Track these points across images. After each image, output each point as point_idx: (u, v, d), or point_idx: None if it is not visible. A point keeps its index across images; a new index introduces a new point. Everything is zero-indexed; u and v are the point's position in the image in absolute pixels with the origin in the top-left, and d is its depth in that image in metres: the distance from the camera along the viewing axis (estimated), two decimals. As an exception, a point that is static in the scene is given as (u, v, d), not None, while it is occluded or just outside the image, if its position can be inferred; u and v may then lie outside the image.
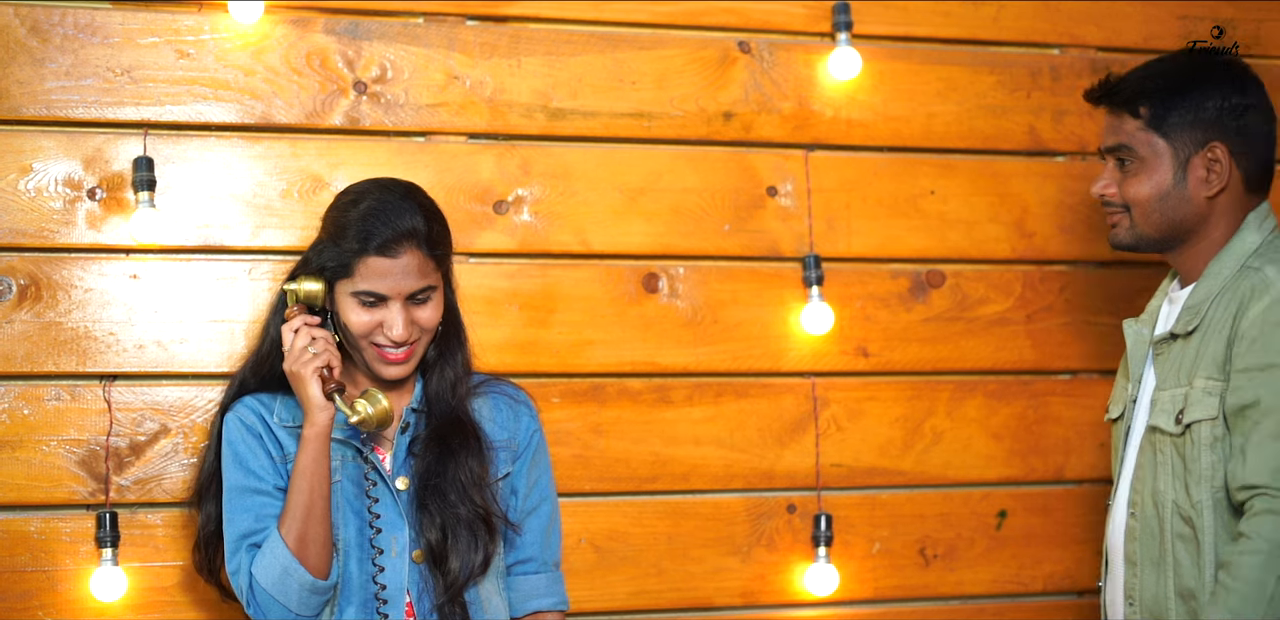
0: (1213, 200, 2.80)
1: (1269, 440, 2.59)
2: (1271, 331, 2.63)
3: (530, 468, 2.92)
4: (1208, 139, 2.78)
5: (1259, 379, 2.62)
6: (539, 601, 2.91)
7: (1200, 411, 2.68)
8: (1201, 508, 2.67)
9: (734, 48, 3.42)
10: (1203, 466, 2.68)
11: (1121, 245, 2.88)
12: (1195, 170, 2.78)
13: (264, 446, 2.77)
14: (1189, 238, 2.82)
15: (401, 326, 2.72)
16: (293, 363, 2.71)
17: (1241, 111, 2.78)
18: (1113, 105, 2.85)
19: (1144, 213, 2.81)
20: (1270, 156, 2.85)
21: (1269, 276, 2.68)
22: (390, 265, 2.70)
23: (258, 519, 2.73)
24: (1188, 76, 2.80)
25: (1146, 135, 2.80)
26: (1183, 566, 2.70)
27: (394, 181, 2.82)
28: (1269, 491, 2.56)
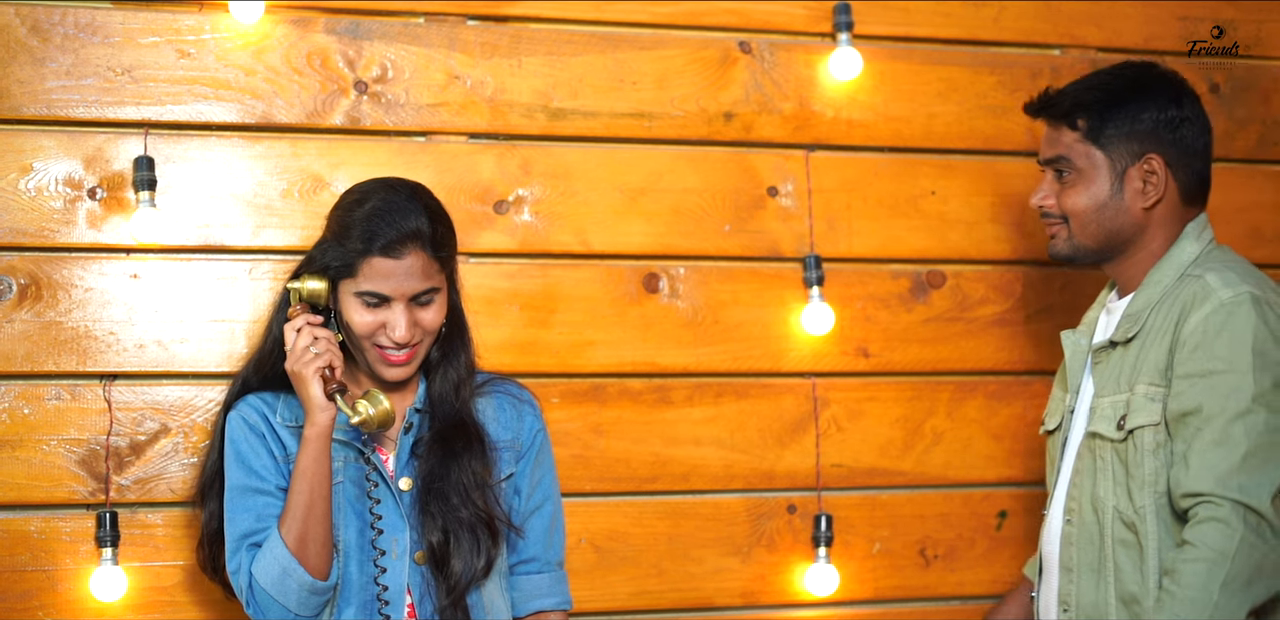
0: (1149, 211, 2.84)
1: (1212, 447, 2.62)
2: (1213, 338, 2.66)
3: (534, 467, 2.92)
4: (1144, 151, 2.82)
5: (1200, 385, 2.65)
6: (542, 601, 2.91)
7: (1143, 417, 2.71)
8: (1145, 513, 2.69)
9: (735, 48, 3.42)
10: (1146, 472, 2.70)
11: (1059, 256, 2.91)
12: (1132, 181, 2.83)
13: (266, 446, 2.77)
14: (1126, 248, 2.86)
15: (404, 328, 2.72)
16: (294, 362, 2.71)
17: (1177, 124, 2.83)
18: (1051, 117, 2.90)
19: (1081, 223, 2.85)
20: (1206, 169, 2.89)
21: (1210, 284, 2.72)
22: (394, 266, 2.70)
23: (259, 519, 2.72)
24: (1125, 89, 2.85)
25: (1084, 147, 2.85)
26: (1124, 572, 2.72)
27: (400, 181, 2.81)
28: (1212, 499, 2.59)
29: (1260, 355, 2.64)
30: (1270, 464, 2.60)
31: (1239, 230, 3.72)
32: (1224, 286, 2.70)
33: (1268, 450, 2.61)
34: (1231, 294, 2.69)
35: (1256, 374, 2.62)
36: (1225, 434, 2.61)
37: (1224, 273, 2.74)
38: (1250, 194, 3.74)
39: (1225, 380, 2.63)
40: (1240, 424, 2.61)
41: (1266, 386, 2.63)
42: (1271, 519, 2.58)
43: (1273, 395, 2.63)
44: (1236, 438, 2.60)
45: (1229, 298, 2.68)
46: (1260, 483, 2.58)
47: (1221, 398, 2.63)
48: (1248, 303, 2.67)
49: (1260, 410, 2.62)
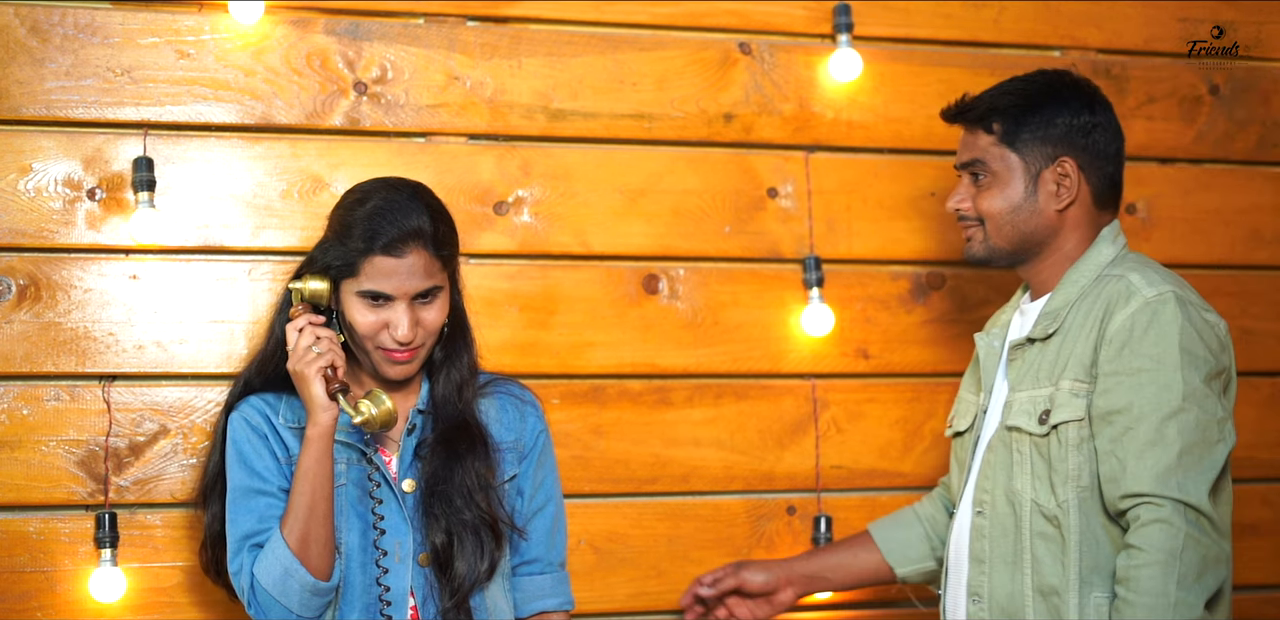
0: (1063, 213, 2.88)
1: (1147, 448, 2.65)
2: (1140, 336, 2.70)
3: (536, 468, 2.91)
4: (1057, 154, 2.87)
5: (1128, 384, 2.69)
6: (544, 602, 2.91)
7: (1067, 413, 2.74)
8: (1068, 507, 2.72)
9: (735, 49, 3.42)
10: (1070, 466, 2.73)
11: (975, 258, 2.95)
12: (1046, 184, 2.87)
13: (268, 447, 2.77)
14: (1041, 250, 2.90)
15: (406, 327, 2.72)
16: (296, 362, 2.70)
17: (1090, 129, 2.89)
18: (967, 122, 2.95)
19: (997, 225, 2.89)
20: (1117, 174, 2.94)
21: (1134, 283, 2.76)
22: (396, 265, 2.70)
23: (261, 520, 2.72)
24: (1039, 95, 2.90)
25: (999, 150, 2.89)
26: (1043, 564, 2.74)
27: (401, 181, 2.81)
28: (1153, 500, 2.63)
29: (1187, 353, 2.68)
30: (1204, 460, 2.65)
31: (1239, 232, 3.73)
32: (1148, 285, 2.75)
33: (1200, 447, 2.65)
34: (1155, 293, 2.73)
35: (1185, 372, 2.67)
36: (1159, 434, 2.65)
37: (1146, 272, 2.79)
38: (1250, 196, 3.74)
39: (1154, 378, 2.67)
40: (1173, 423, 2.65)
41: (1196, 384, 2.67)
42: (1210, 514, 2.63)
43: (1202, 393, 2.68)
44: (1170, 437, 2.64)
45: (1153, 296, 2.72)
46: (1196, 480, 2.63)
47: (1152, 396, 2.66)
48: (1172, 301, 2.72)
49: (1192, 408, 2.66)
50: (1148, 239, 3.66)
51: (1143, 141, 3.67)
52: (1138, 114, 3.67)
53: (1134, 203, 3.65)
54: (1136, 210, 3.65)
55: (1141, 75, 3.68)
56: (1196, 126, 3.72)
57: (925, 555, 3.15)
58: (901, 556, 3.16)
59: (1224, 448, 2.69)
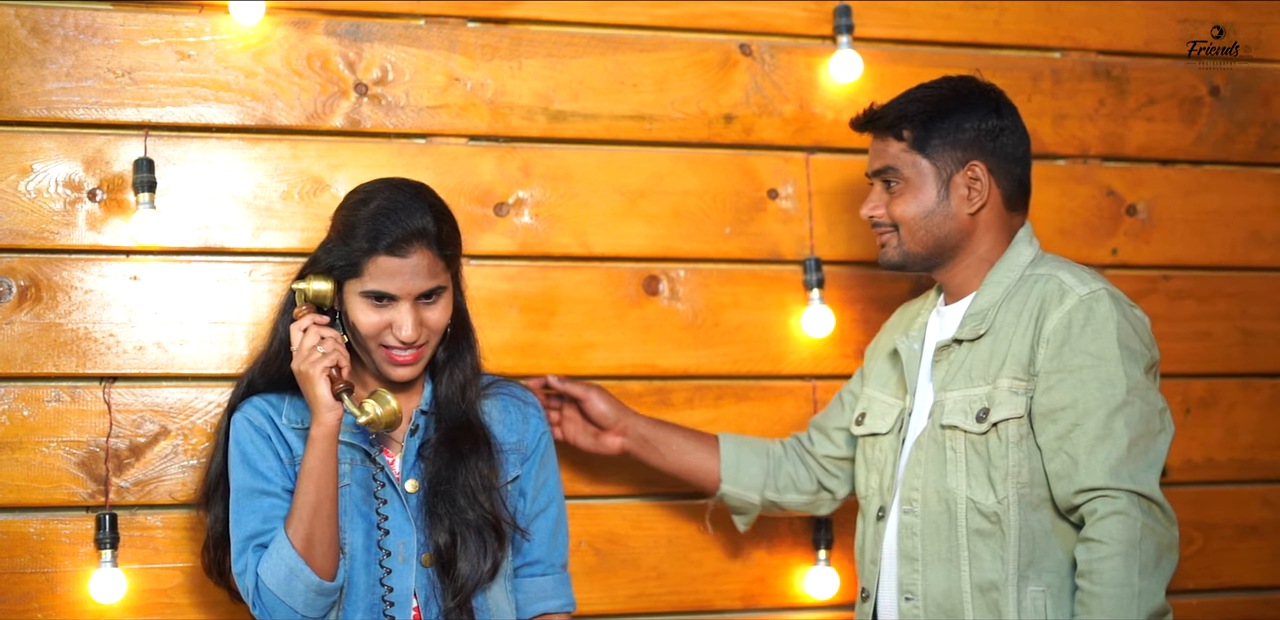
0: (975, 216, 2.90)
1: (1098, 442, 2.69)
2: (1078, 334, 2.74)
3: (538, 470, 2.92)
4: (967, 158, 2.89)
5: (1070, 381, 2.73)
6: (546, 603, 2.92)
7: (1007, 410, 2.76)
8: (1009, 504, 2.75)
9: (735, 50, 3.42)
10: (1010, 463, 2.76)
11: (890, 264, 2.97)
12: (957, 188, 2.90)
13: (272, 447, 2.77)
14: (956, 253, 2.92)
15: (410, 327, 2.72)
16: (301, 362, 2.70)
17: (998, 133, 2.91)
18: (877, 130, 2.96)
19: (911, 230, 2.91)
20: (1026, 176, 2.96)
21: (1066, 282, 2.80)
22: (400, 265, 2.70)
23: (265, 520, 2.72)
24: (947, 100, 2.92)
25: (910, 156, 2.91)
26: (983, 560, 2.77)
27: (405, 181, 2.82)
28: (1109, 493, 2.67)
29: (1125, 347, 2.73)
30: (1150, 451, 2.71)
31: (1239, 233, 3.73)
32: (1080, 284, 2.79)
33: (1146, 438, 2.71)
34: (1089, 290, 2.77)
35: (1126, 366, 2.71)
36: (1108, 428, 2.69)
37: (1075, 271, 2.83)
38: (1250, 197, 3.74)
39: (1097, 374, 2.71)
40: (1120, 416, 2.69)
41: (1137, 377, 2.72)
42: (1161, 502, 2.68)
43: (1143, 385, 2.73)
44: (1119, 430, 2.69)
45: (1087, 293, 2.77)
46: (1147, 470, 2.69)
47: (1097, 392, 2.70)
48: (1106, 298, 2.76)
49: (1135, 401, 2.71)
50: (1148, 240, 3.66)
51: (1143, 143, 3.67)
52: (1138, 115, 3.67)
53: (1134, 204, 3.65)
54: (1137, 211, 3.65)
55: (1142, 76, 3.68)
56: (1197, 128, 3.72)
57: (754, 486, 3.15)
58: (734, 476, 3.14)
59: (1166, 437, 2.75)
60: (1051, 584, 2.73)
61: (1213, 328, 3.70)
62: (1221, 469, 3.70)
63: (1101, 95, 3.64)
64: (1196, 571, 3.66)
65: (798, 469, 3.17)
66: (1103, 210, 3.63)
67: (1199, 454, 3.68)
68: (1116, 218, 3.64)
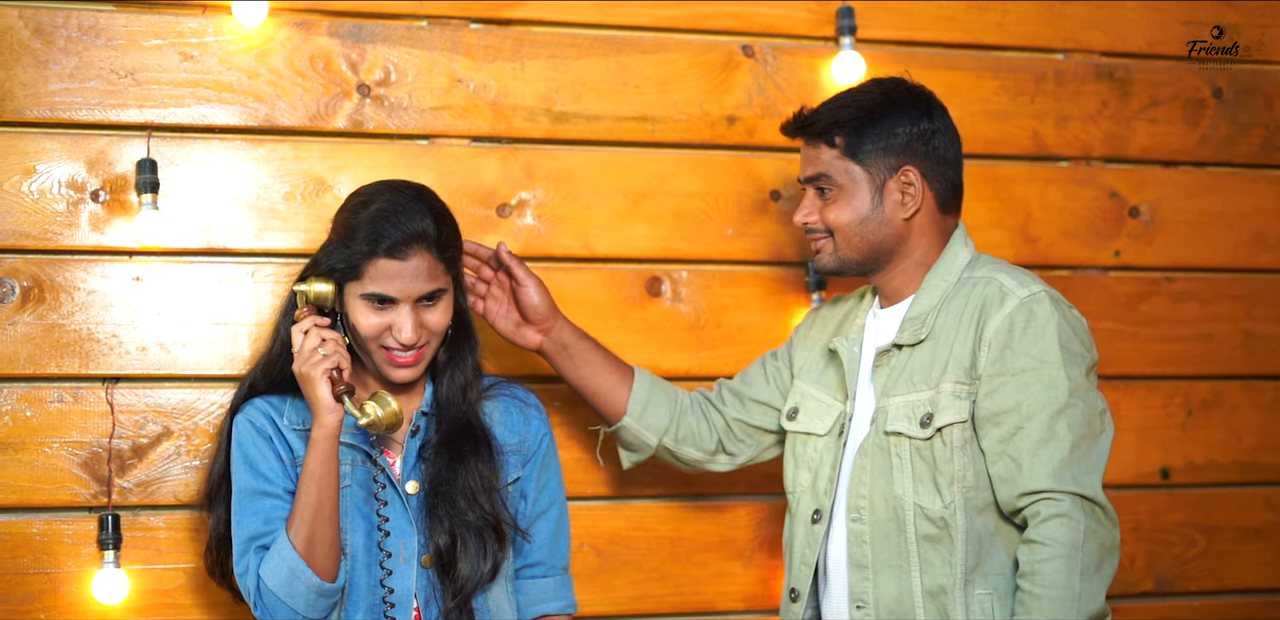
0: (909, 221, 2.89)
1: (1040, 445, 2.69)
2: (1019, 337, 2.74)
3: (539, 471, 2.92)
4: (900, 163, 2.87)
5: (1013, 384, 2.73)
6: (547, 605, 2.92)
7: (951, 415, 2.76)
8: (955, 508, 2.75)
9: (738, 52, 3.42)
10: (955, 468, 2.76)
11: (826, 270, 2.95)
12: (891, 194, 2.88)
13: (273, 449, 2.77)
14: (891, 258, 2.91)
15: (410, 329, 2.72)
16: (302, 364, 2.70)
17: (930, 136, 2.89)
18: (809, 137, 2.93)
19: (846, 237, 2.89)
20: (958, 178, 2.94)
21: (1006, 284, 2.80)
22: (399, 267, 2.70)
23: (266, 521, 2.72)
24: (878, 105, 2.89)
25: (843, 163, 2.88)
26: (933, 566, 2.76)
27: (405, 184, 2.82)
28: (1052, 496, 2.67)
29: (1066, 350, 2.73)
30: (1093, 453, 2.72)
31: (1242, 236, 3.72)
32: (1020, 286, 2.78)
33: (1089, 440, 2.72)
34: (1029, 293, 2.77)
35: (1068, 368, 2.72)
36: (1050, 430, 2.69)
37: (1014, 273, 2.83)
38: (1253, 199, 3.74)
39: (1039, 377, 2.71)
40: (1062, 419, 2.69)
41: (1078, 379, 2.73)
42: (1104, 504, 2.69)
43: (1084, 387, 2.73)
44: (1061, 433, 2.69)
45: (1027, 296, 2.76)
46: (1089, 472, 2.70)
47: (1039, 395, 2.71)
48: (1046, 300, 2.76)
49: (1077, 403, 2.71)
50: (1151, 242, 3.66)
51: (1146, 145, 3.67)
52: (1141, 117, 3.67)
53: (1137, 206, 3.65)
54: (1140, 213, 3.65)
55: (1145, 78, 3.68)
56: (1200, 130, 3.72)
57: (657, 428, 3.07)
58: (640, 412, 3.06)
59: (1107, 438, 2.76)
60: (998, 586, 2.73)
61: (1215, 330, 3.70)
62: (1224, 471, 3.70)
63: (1104, 97, 3.64)
64: (1199, 573, 3.66)
65: (700, 425, 3.11)
66: (1106, 212, 3.63)
67: (1202, 456, 3.68)
68: (1119, 219, 3.64)
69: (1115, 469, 3.58)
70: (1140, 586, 3.62)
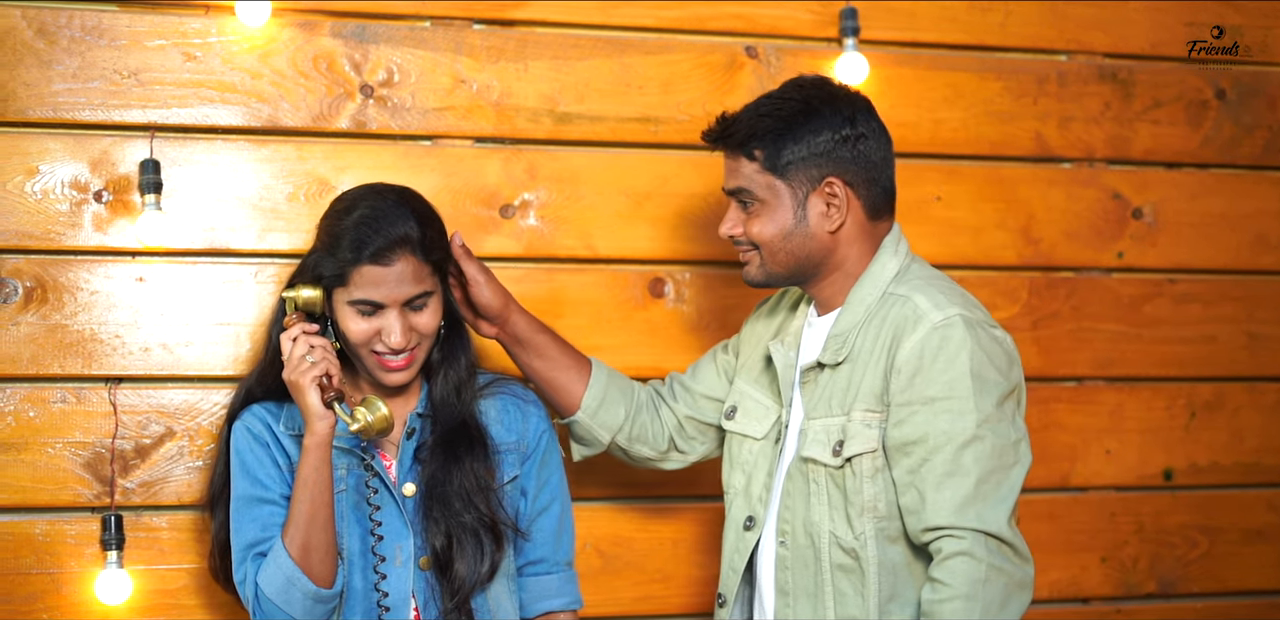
0: (836, 234, 2.78)
1: (945, 478, 2.60)
2: (930, 364, 2.63)
3: (539, 468, 2.91)
4: (823, 175, 2.75)
5: (923, 413, 2.63)
6: (550, 602, 2.92)
7: (860, 444, 2.68)
8: (866, 539, 2.67)
9: (741, 53, 3.42)
10: (865, 498, 2.68)
11: (753, 282, 2.85)
12: (815, 206, 2.76)
13: (270, 455, 2.77)
14: (820, 271, 2.80)
15: (399, 334, 2.72)
16: (291, 372, 2.69)
17: (854, 141, 2.77)
18: (728, 148, 2.81)
19: (771, 252, 2.79)
20: (889, 181, 2.82)
21: (920, 306, 2.68)
22: (385, 273, 2.70)
23: (264, 528, 2.72)
24: (797, 115, 2.76)
25: (764, 177, 2.77)
26: (846, 597, 2.70)
27: (387, 187, 2.81)
28: (954, 533, 2.58)
29: (978, 378, 2.62)
30: (1002, 487, 2.61)
31: (1244, 237, 3.72)
32: (934, 309, 2.67)
33: (998, 473, 2.61)
34: (943, 317, 2.65)
35: (978, 399, 2.61)
36: (956, 463, 2.59)
37: (931, 294, 2.71)
38: (1256, 201, 3.74)
39: (948, 407, 2.61)
40: (969, 452, 2.59)
41: (989, 410, 2.62)
42: (1011, 541, 2.59)
43: (995, 417, 2.62)
44: (967, 466, 2.59)
45: (940, 321, 2.65)
46: (995, 508, 2.59)
47: (947, 426, 2.60)
48: (959, 325, 2.64)
49: (987, 435, 2.60)
50: (1154, 244, 3.66)
51: (1149, 146, 3.67)
52: (1144, 118, 3.67)
53: (1140, 207, 3.65)
54: (1143, 215, 3.65)
55: (1148, 79, 3.68)
56: (1203, 131, 3.72)
57: (610, 426, 3.01)
58: (594, 410, 3.00)
59: (1020, 470, 2.64)
60: (914, 618, 2.65)
61: (1218, 331, 3.70)
62: (1227, 473, 3.70)
63: (1107, 98, 3.64)
64: (1201, 576, 3.66)
65: (654, 423, 3.06)
66: (1108, 213, 3.63)
67: (1204, 458, 3.68)
68: (1122, 221, 3.64)
69: (1118, 470, 3.60)
70: (1143, 588, 3.62)
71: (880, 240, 2.82)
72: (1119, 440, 3.62)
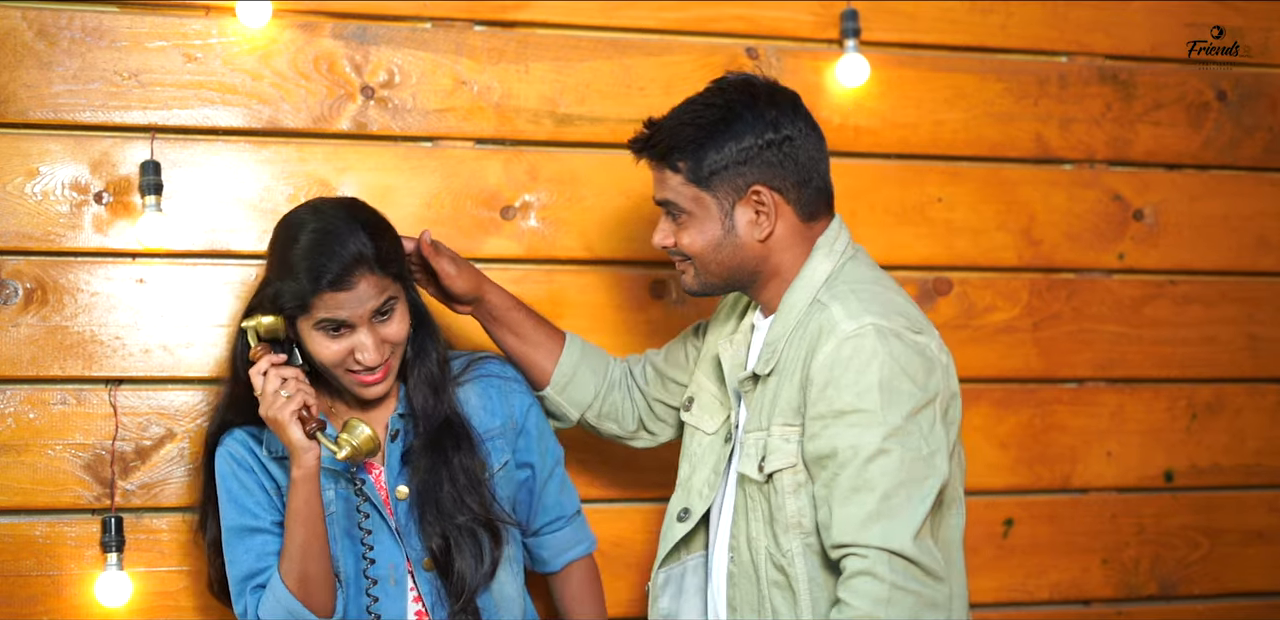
0: (768, 241, 2.71)
1: (851, 494, 2.51)
2: (839, 376, 2.55)
3: (536, 440, 2.92)
4: (749, 183, 2.68)
5: (833, 427, 2.55)
6: (569, 554, 2.99)
7: (779, 460, 2.62)
8: (793, 556, 2.61)
9: (742, 54, 3.42)
10: (788, 514, 2.62)
11: (691, 292, 2.80)
12: (743, 216, 2.70)
13: (257, 480, 2.75)
14: (756, 278, 2.75)
15: (372, 350, 2.68)
16: (268, 408, 2.64)
17: (779, 145, 2.68)
18: (652, 159, 2.76)
19: (703, 263, 2.74)
20: (822, 179, 2.75)
21: (834, 316, 2.60)
22: (347, 296, 2.65)
23: (258, 558, 2.71)
24: (718, 123, 2.69)
25: (689, 189, 2.70)
26: (781, 614, 2.64)
27: (331, 203, 2.76)
28: (857, 551, 2.50)
29: (888, 390, 2.53)
30: (912, 501, 2.51)
31: (1246, 238, 3.72)
32: (847, 318, 2.59)
33: (908, 488, 2.51)
34: (855, 327, 2.57)
35: (885, 411, 2.52)
36: (861, 478, 2.51)
37: (848, 302, 2.62)
38: (1257, 202, 3.74)
39: (855, 420, 2.53)
40: (875, 466, 2.50)
41: (897, 422, 2.52)
42: (918, 559, 2.49)
43: (905, 430, 2.53)
44: (873, 481, 2.50)
45: (852, 331, 2.57)
46: (901, 525, 2.49)
47: (854, 440, 2.52)
48: (870, 335, 2.56)
49: (894, 448, 2.51)
50: (1155, 245, 3.66)
51: (1150, 147, 3.67)
52: (1145, 120, 3.67)
53: (1141, 209, 3.65)
54: (1143, 216, 3.65)
55: (1149, 81, 3.68)
56: (1204, 132, 3.71)
57: (579, 404, 3.02)
58: (562, 387, 3.01)
59: (933, 483, 2.53)
60: None
61: (1219, 333, 3.70)
62: (1228, 474, 3.70)
63: (1108, 100, 3.64)
64: (1202, 577, 3.66)
65: (624, 403, 3.04)
66: (1109, 215, 3.63)
67: (1205, 459, 3.68)
68: (1123, 222, 3.64)
69: (1119, 471, 3.60)
70: (1144, 590, 3.62)
71: (816, 240, 2.75)
72: (1120, 442, 3.62)
